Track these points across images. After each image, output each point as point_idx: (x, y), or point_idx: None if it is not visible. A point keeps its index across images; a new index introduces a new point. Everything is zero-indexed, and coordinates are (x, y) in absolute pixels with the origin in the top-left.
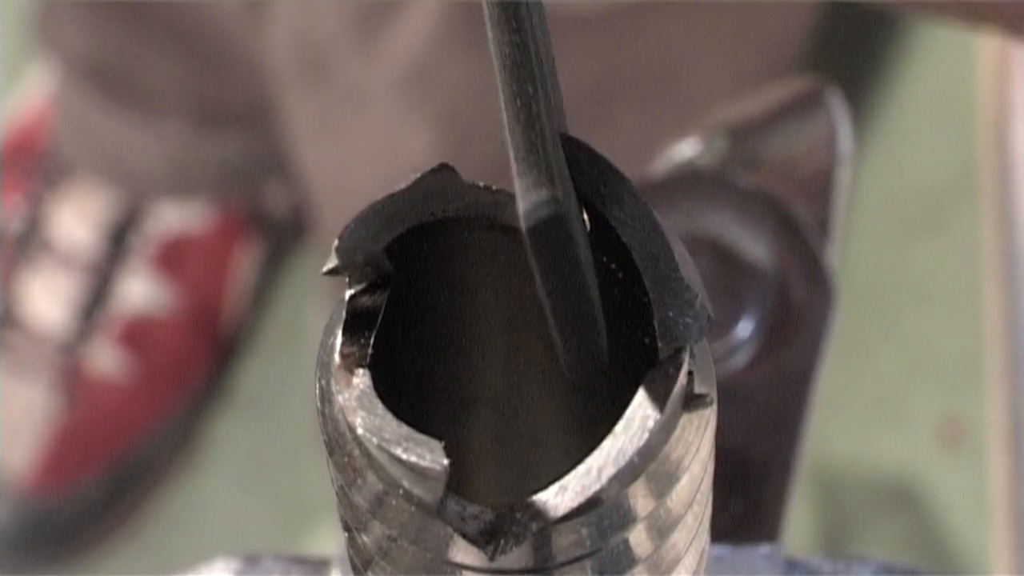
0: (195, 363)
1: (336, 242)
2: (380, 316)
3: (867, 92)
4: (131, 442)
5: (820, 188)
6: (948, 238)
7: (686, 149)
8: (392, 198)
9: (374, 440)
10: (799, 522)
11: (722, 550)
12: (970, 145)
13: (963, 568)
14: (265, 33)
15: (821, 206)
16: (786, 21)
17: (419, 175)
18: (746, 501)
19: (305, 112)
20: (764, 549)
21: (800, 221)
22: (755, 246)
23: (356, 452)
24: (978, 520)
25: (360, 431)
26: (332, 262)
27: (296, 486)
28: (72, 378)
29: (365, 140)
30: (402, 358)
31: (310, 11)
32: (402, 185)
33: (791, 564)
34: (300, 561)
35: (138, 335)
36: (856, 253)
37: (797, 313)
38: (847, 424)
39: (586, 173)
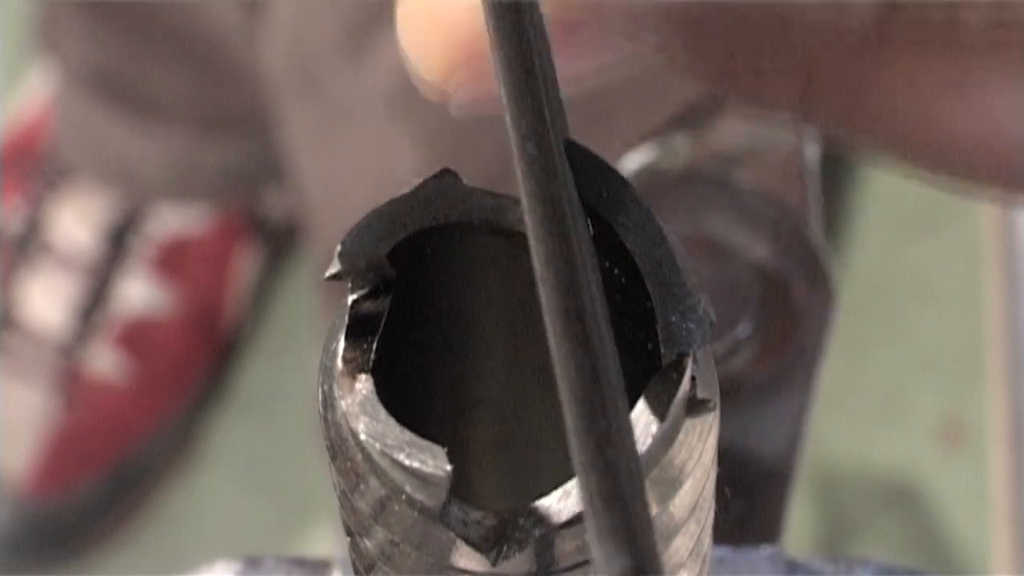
0: (194, 365)
1: (339, 248)
2: (383, 321)
3: None
4: (130, 444)
5: (793, 170)
6: (948, 237)
7: (639, 156)
8: (394, 203)
9: (377, 446)
10: (799, 522)
11: (723, 552)
12: None
13: (964, 568)
14: (262, 41)
15: (797, 188)
16: None
17: (421, 180)
18: (747, 502)
19: (299, 122)
20: (765, 550)
21: (799, 220)
22: (754, 246)
23: (359, 457)
24: (979, 519)
25: (363, 436)
26: (335, 267)
27: (296, 487)
28: (71, 380)
29: (356, 154)
30: (404, 363)
31: (304, 24)
32: (404, 190)
33: (792, 565)
34: (301, 563)
35: (137, 337)
36: (856, 252)
37: (797, 313)
38: (848, 424)
39: (588, 177)
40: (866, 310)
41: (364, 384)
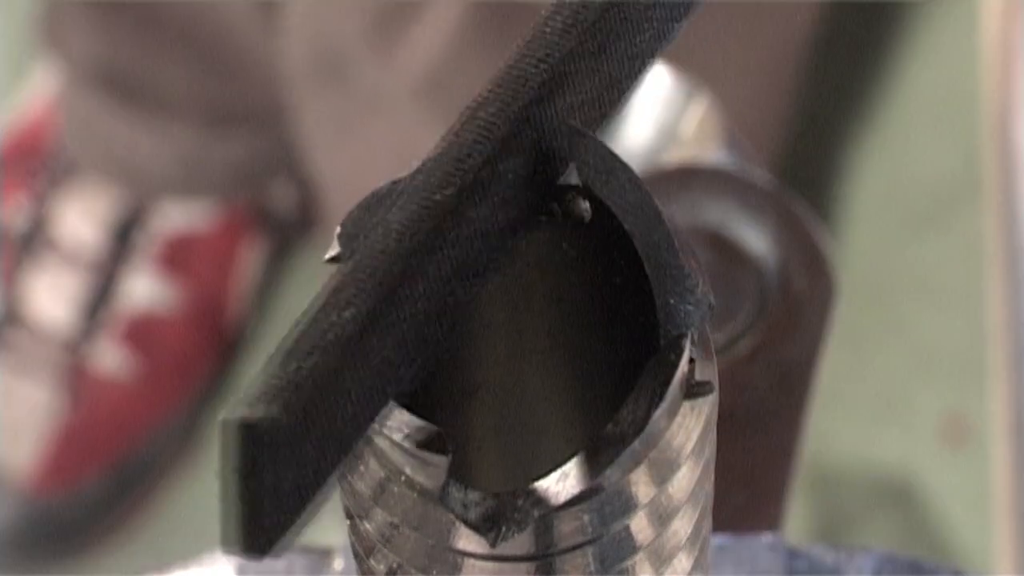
0: (199, 361)
1: (339, 229)
2: None
3: (869, 88)
4: (135, 440)
5: None
6: (951, 234)
7: (643, 145)
8: (395, 185)
9: (376, 427)
10: (800, 519)
11: (724, 540)
12: (973, 140)
13: (965, 566)
14: (278, 35)
15: None
16: (791, 20)
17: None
18: (747, 491)
19: (320, 115)
20: (766, 539)
21: (801, 213)
22: (756, 237)
23: None
24: (980, 518)
25: None
26: (335, 249)
27: None
28: (76, 377)
29: (381, 145)
30: None
31: (327, 15)
32: (406, 173)
33: (793, 554)
34: (303, 551)
35: (142, 333)
36: (858, 249)
37: (798, 304)
38: (849, 421)
39: (589, 161)
40: (868, 307)
41: None
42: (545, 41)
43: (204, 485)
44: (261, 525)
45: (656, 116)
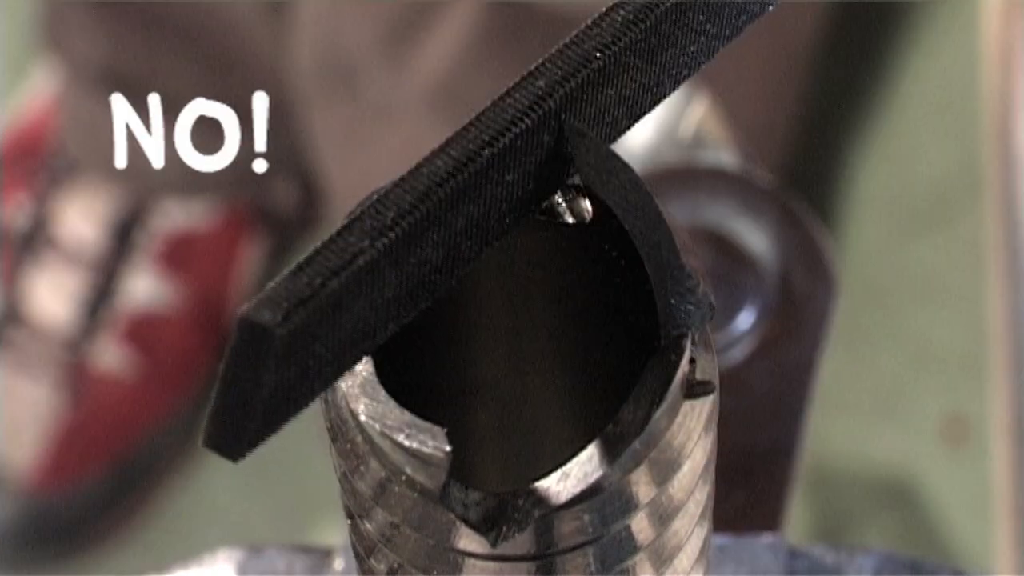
0: (199, 360)
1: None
2: None
3: (870, 88)
4: (135, 439)
5: None
6: (952, 234)
7: (644, 146)
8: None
9: (377, 427)
10: (800, 519)
11: (725, 539)
12: (973, 141)
13: (965, 566)
14: (286, 40)
15: None
16: (791, 20)
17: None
18: (748, 491)
19: (330, 122)
20: (766, 539)
21: (801, 213)
22: (756, 238)
23: (359, 439)
24: (981, 518)
25: (363, 418)
26: None
27: (301, 483)
28: (77, 375)
29: (391, 154)
30: (406, 346)
31: (338, 23)
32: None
33: (793, 553)
34: (304, 550)
35: (143, 332)
36: (859, 249)
37: (798, 304)
38: (850, 421)
39: (590, 161)
40: (868, 307)
41: (364, 366)
42: (610, 29)
43: (204, 485)
44: (232, 418)
45: (656, 116)
